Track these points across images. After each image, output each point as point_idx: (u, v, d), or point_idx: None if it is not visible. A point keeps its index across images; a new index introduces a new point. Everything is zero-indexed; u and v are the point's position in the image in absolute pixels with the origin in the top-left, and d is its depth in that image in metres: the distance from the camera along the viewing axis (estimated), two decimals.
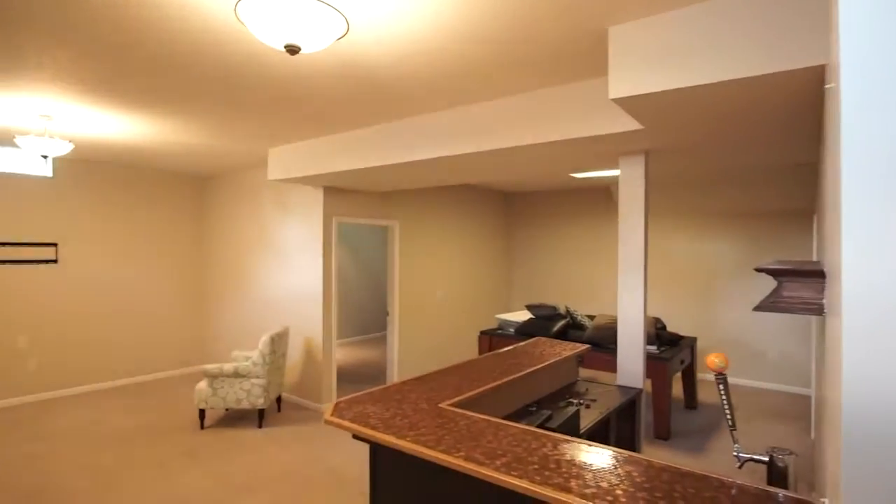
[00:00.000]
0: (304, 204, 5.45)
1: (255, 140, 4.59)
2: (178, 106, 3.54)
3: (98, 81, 3.04)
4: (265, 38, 1.84)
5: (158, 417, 4.96)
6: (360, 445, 4.30)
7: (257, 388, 4.57)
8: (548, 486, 1.42)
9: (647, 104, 2.25)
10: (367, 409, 2.06)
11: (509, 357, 3.07)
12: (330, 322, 5.30)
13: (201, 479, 3.64)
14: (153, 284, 6.46)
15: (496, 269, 8.06)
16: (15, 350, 5.38)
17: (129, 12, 2.13)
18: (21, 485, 3.54)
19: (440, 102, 3.37)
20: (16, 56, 2.67)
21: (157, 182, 6.50)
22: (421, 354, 6.50)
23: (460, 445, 1.70)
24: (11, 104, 3.52)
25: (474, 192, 7.60)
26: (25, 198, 5.45)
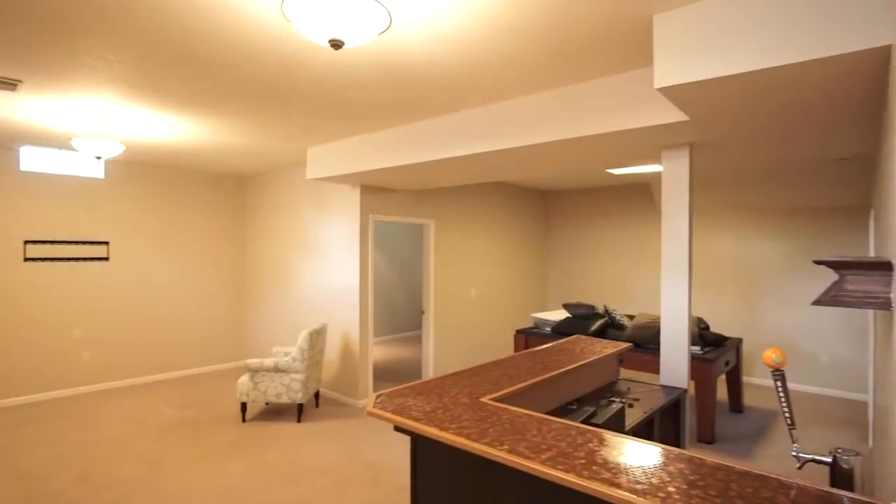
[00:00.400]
0: (341, 202, 5.53)
1: (294, 140, 4.68)
2: (222, 106, 3.65)
3: (148, 83, 3.16)
4: (310, 34, 1.87)
5: (202, 410, 5.12)
6: (396, 441, 4.32)
7: (296, 382, 4.65)
8: (596, 480, 1.39)
9: (695, 93, 2.18)
10: (408, 402, 2.06)
11: (548, 354, 3.02)
12: (366, 319, 5.36)
13: (245, 470, 3.73)
14: (197, 282, 6.68)
15: (531, 268, 7.98)
16: (71, 342, 5.66)
17: (178, 15, 2.21)
18: (74, 470, 3.72)
19: (477, 98, 3.35)
20: (72, 60, 2.80)
21: (201, 182, 6.72)
22: (456, 353, 6.50)
23: (504, 439, 1.68)
24: (68, 107, 3.70)
25: (510, 191, 7.55)
26: (80, 198, 5.73)
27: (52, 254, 5.54)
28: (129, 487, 3.46)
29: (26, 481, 3.54)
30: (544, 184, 7.55)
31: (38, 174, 5.45)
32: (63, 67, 2.90)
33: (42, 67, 2.92)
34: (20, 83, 3.22)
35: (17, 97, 3.50)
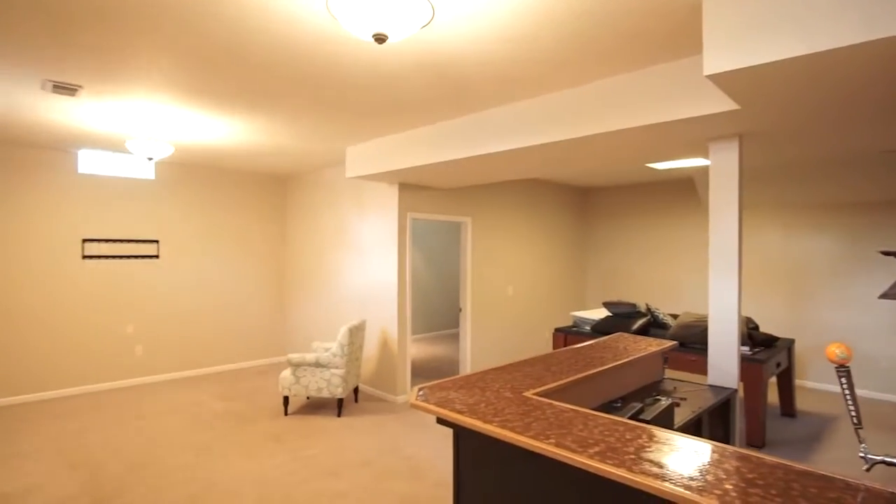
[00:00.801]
0: (379, 201, 5.59)
1: (334, 139, 4.76)
2: (266, 107, 3.74)
3: (196, 86, 3.27)
4: (354, 30, 1.90)
5: (246, 403, 5.27)
6: (434, 437, 4.33)
7: (336, 377, 4.73)
8: (648, 475, 1.35)
9: (746, 80, 2.09)
10: (451, 395, 2.06)
11: (591, 351, 2.97)
12: (405, 316, 5.40)
13: (288, 462, 3.82)
14: (240, 279, 6.89)
15: (569, 266, 7.87)
16: (124, 336, 5.93)
17: (227, 18, 2.27)
18: (129, 457, 3.89)
19: (516, 93, 3.33)
20: (127, 65, 2.93)
21: (244, 183, 6.92)
22: (493, 351, 6.47)
23: (549, 433, 1.65)
24: (122, 111, 3.87)
25: (548, 188, 7.46)
26: (132, 198, 6.00)
27: (107, 252, 5.82)
28: (181, 475, 3.59)
29: (85, 466, 3.73)
30: (583, 180, 7.43)
31: (95, 176, 5.74)
32: (119, 72, 3.04)
33: (100, 72, 3.06)
34: (80, 88, 3.40)
35: (77, 102, 3.69)
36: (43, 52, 2.77)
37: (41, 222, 5.39)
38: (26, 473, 3.61)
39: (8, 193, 5.19)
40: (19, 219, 5.26)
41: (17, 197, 5.25)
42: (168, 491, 3.36)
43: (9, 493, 3.33)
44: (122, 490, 3.37)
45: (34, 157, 5.34)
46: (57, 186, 5.48)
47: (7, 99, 3.63)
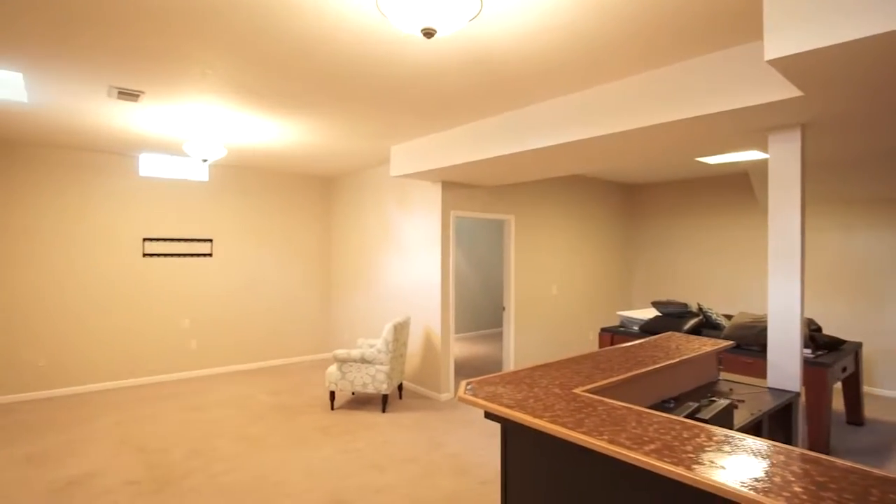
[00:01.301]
0: (423, 199, 5.62)
1: (379, 138, 4.83)
2: (314, 107, 3.83)
3: (249, 87, 3.39)
4: (403, 25, 1.91)
5: (294, 397, 5.42)
6: (480, 434, 4.32)
7: (381, 373, 4.79)
8: (708, 474, 1.29)
9: (813, 63, 1.98)
10: (499, 390, 2.05)
11: (641, 350, 2.88)
12: (448, 313, 5.41)
13: (335, 454, 3.90)
14: (288, 277, 7.09)
15: (615, 265, 7.68)
16: (180, 331, 6.21)
17: (279, 20, 2.34)
18: (186, 444, 4.07)
19: (562, 86, 3.27)
20: (184, 69, 3.07)
21: (291, 184, 7.12)
22: (537, 350, 6.40)
23: (602, 429, 1.62)
24: (179, 114, 4.05)
25: (593, 185, 7.32)
26: (187, 199, 6.28)
27: (165, 250, 6.12)
28: (234, 463, 3.73)
29: (147, 453, 3.92)
30: (629, 177, 7.24)
31: (154, 179, 6.04)
32: (178, 77, 3.19)
33: (160, 78, 3.22)
34: (142, 94, 3.58)
35: (138, 107, 3.89)
36: (109, 60, 2.93)
37: (106, 222, 5.72)
38: (94, 457, 3.84)
39: (77, 195, 5.54)
40: (87, 219, 5.60)
41: (85, 198, 5.59)
42: (224, 477, 3.49)
43: (79, 475, 3.55)
44: (182, 475, 3.53)
45: (100, 160, 5.68)
46: (120, 188, 5.80)
47: (77, 105, 3.86)
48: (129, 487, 3.36)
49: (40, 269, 5.36)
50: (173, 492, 3.30)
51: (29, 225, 5.29)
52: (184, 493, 3.28)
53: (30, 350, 5.30)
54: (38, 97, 3.68)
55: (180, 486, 3.37)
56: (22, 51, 2.81)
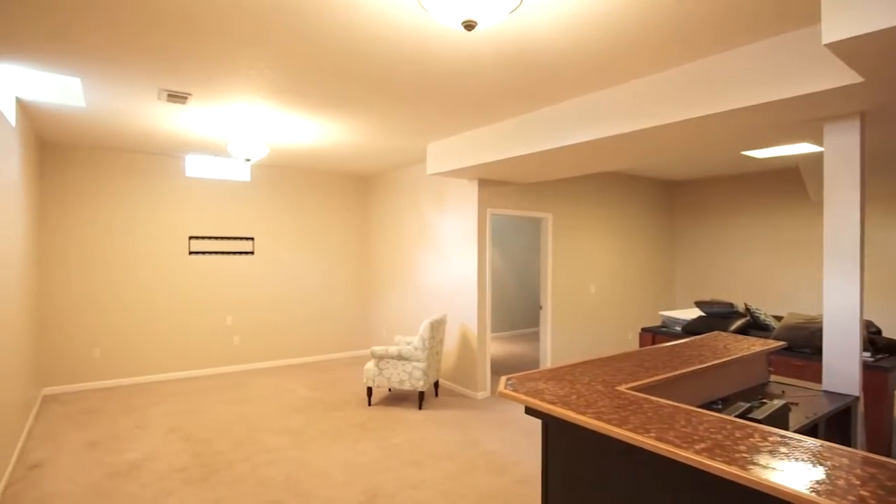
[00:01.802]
0: (459, 197, 5.62)
1: (416, 136, 4.85)
2: (353, 106, 3.89)
3: (291, 88, 3.46)
4: (444, 19, 1.91)
5: (332, 392, 5.51)
6: (517, 433, 4.29)
7: (418, 371, 4.82)
8: (765, 475, 1.24)
9: (875, 46, 1.87)
10: (540, 386, 2.02)
11: (686, 349, 2.79)
12: (484, 311, 5.39)
13: (373, 450, 3.94)
14: (326, 275, 7.22)
15: (656, 264, 7.48)
16: (224, 327, 6.42)
17: (321, 19, 2.38)
18: (230, 435, 4.20)
19: (602, 80, 3.20)
20: (231, 71, 3.16)
21: (329, 183, 7.25)
22: (574, 350, 6.30)
23: (649, 427, 1.57)
24: (224, 116, 4.18)
25: (632, 182, 7.15)
26: (230, 199, 6.48)
27: (209, 248, 6.33)
28: (276, 454, 3.82)
29: (194, 442, 4.07)
30: (670, 173, 7.05)
31: (199, 179, 6.26)
32: (223, 79, 3.29)
33: (207, 80, 3.33)
34: (190, 96, 3.71)
35: (186, 110, 4.04)
36: (160, 64, 3.05)
37: (155, 221, 5.97)
38: (147, 444, 4.00)
39: (127, 195, 5.80)
40: (138, 218, 5.86)
41: (135, 198, 5.84)
42: (267, 468, 3.58)
43: (134, 460, 3.71)
44: (227, 464, 3.64)
45: (149, 162, 5.92)
46: (168, 189, 6.04)
47: (129, 108, 4.04)
48: (178, 474, 3.49)
49: (94, 266, 5.63)
50: (219, 480, 3.41)
51: (84, 224, 5.57)
52: (229, 482, 3.38)
53: (86, 342, 5.58)
54: (94, 102, 3.87)
55: (225, 475, 3.48)
56: (80, 56, 2.95)
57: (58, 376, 5.44)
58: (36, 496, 3.19)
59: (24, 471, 3.55)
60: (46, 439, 4.13)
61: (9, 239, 3.58)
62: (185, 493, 3.23)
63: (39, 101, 3.89)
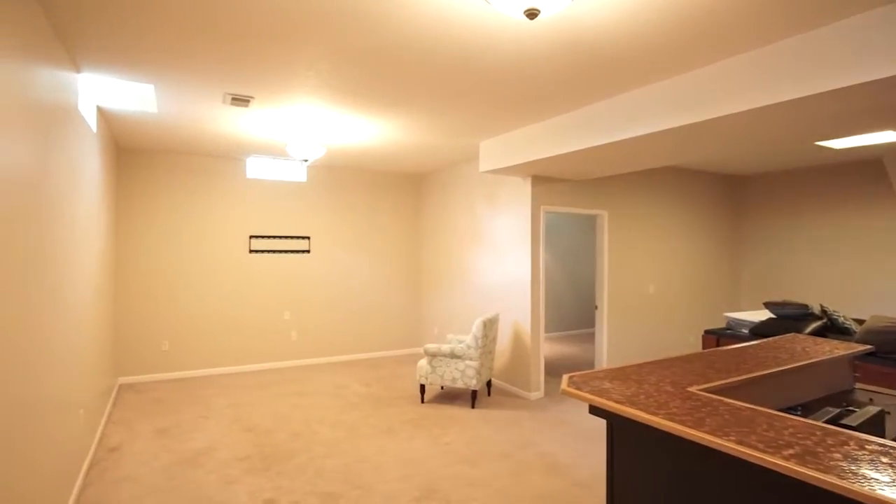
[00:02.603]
0: (511, 195, 5.56)
1: (469, 133, 4.84)
2: (409, 104, 3.91)
3: (348, 88, 3.52)
4: (506, 9, 1.88)
5: (385, 389, 5.58)
6: (572, 435, 4.18)
7: (471, 369, 4.79)
8: (868, 485, 1.13)
9: None
10: (605, 385, 1.95)
11: (759, 350, 2.63)
12: (538, 311, 5.30)
13: (427, 446, 3.95)
14: (379, 274, 7.33)
15: (719, 264, 7.12)
16: (282, 323, 6.63)
17: (380, 13, 2.40)
18: (288, 427, 4.32)
19: (663, 69, 3.06)
20: (291, 73, 3.25)
21: (382, 182, 7.35)
22: (632, 352, 6.09)
23: (728, 430, 1.47)
24: (283, 117, 4.31)
25: (693, 177, 6.84)
26: (288, 199, 6.69)
27: (268, 247, 6.57)
28: (333, 447, 3.90)
29: (255, 433, 4.22)
30: (734, 167, 6.69)
31: (259, 180, 6.50)
32: (283, 80, 3.38)
33: (267, 83, 3.44)
34: (252, 99, 3.85)
35: (248, 112, 4.19)
36: (225, 68, 3.18)
37: (219, 221, 6.25)
38: (211, 433, 4.19)
39: (193, 196, 6.10)
40: (203, 218, 6.15)
41: (200, 199, 6.14)
42: (325, 459, 3.66)
43: (200, 449, 3.89)
44: (286, 454, 3.75)
45: (213, 164, 6.21)
46: (230, 189, 6.31)
47: (196, 113, 4.24)
48: (241, 463, 3.62)
49: (163, 264, 5.96)
50: (279, 470, 3.51)
51: (153, 224, 5.90)
52: (288, 473, 3.47)
53: (156, 336, 5.91)
54: (165, 107, 4.08)
55: (285, 466, 3.58)
56: (155, 65, 3.12)
57: (132, 367, 5.79)
58: (116, 477, 3.40)
59: (105, 453, 3.80)
60: (122, 424, 4.40)
61: (91, 239, 3.84)
62: (247, 482, 3.35)
63: (116, 109, 4.14)
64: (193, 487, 3.27)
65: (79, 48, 2.90)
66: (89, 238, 3.79)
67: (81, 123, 3.44)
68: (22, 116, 2.12)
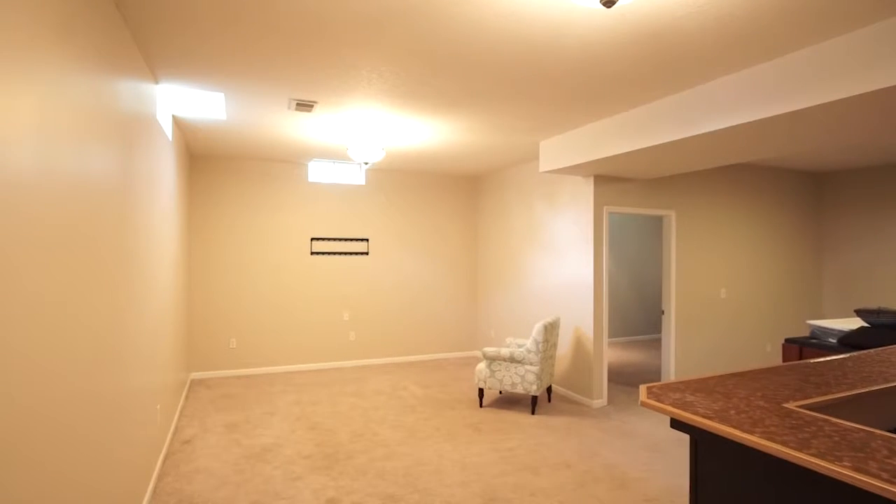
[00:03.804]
0: (573, 195, 5.40)
1: (529, 133, 4.73)
2: (470, 104, 3.86)
3: (410, 90, 3.51)
4: None
5: (443, 391, 5.55)
6: (639, 447, 3.98)
7: (531, 374, 4.68)
8: None
9: None
10: (688, 398, 1.81)
11: (862, 363, 2.38)
12: (601, 315, 5.11)
13: (487, 451, 3.88)
14: (436, 276, 7.33)
15: (799, 267, 6.61)
16: (342, 323, 6.76)
17: (447, 13, 2.36)
18: (350, 427, 4.37)
19: (744, 58, 2.85)
20: (353, 76, 3.28)
21: (439, 185, 7.36)
22: (703, 361, 5.75)
23: (840, 454, 1.32)
24: (345, 121, 4.37)
25: (769, 174, 6.39)
26: (347, 202, 6.82)
27: (329, 248, 6.72)
28: (393, 449, 3.91)
29: (317, 431, 4.30)
30: (817, 162, 6.19)
31: (320, 184, 6.67)
32: (346, 83, 3.42)
33: (331, 87, 3.49)
34: (316, 104, 3.93)
35: (311, 117, 4.29)
36: (290, 74, 3.25)
37: (282, 223, 6.45)
38: (277, 430, 4.31)
39: (258, 200, 6.33)
40: (268, 221, 6.38)
41: (264, 203, 6.37)
42: (385, 461, 3.67)
43: (266, 444, 4.00)
44: (347, 454, 3.79)
45: (277, 169, 6.42)
46: (293, 193, 6.51)
47: (262, 119, 4.38)
48: (305, 461, 3.69)
49: (230, 264, 6.22)
50: (341, 469, 3.55)
51: (222, 227, 6.17)
52: (350, 472, 3.50)
53: (225, 334, 6.18)
54: (233, 114, 4.24)
55: (346, 465, 3.61)
56: (225, 73, 3.24)
57: (203, 363, 6.08)
58: (189, 469, 3.55)
59: (179, 444, 3.98)
60: (194, 418, 4.61)
61: (168, 242, 4.05)
62: (310, 479, 3.40)
63: (189, 118, 4.35)
64: (261, 481, 3.36)
65: (157, 59, 3.04)
66: (166, 241, 3.99)
67: (159, 132, 3.63)
68: (108, 126, 2.24)
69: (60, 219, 1.59)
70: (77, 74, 1.78)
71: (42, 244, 1.44)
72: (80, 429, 1.76)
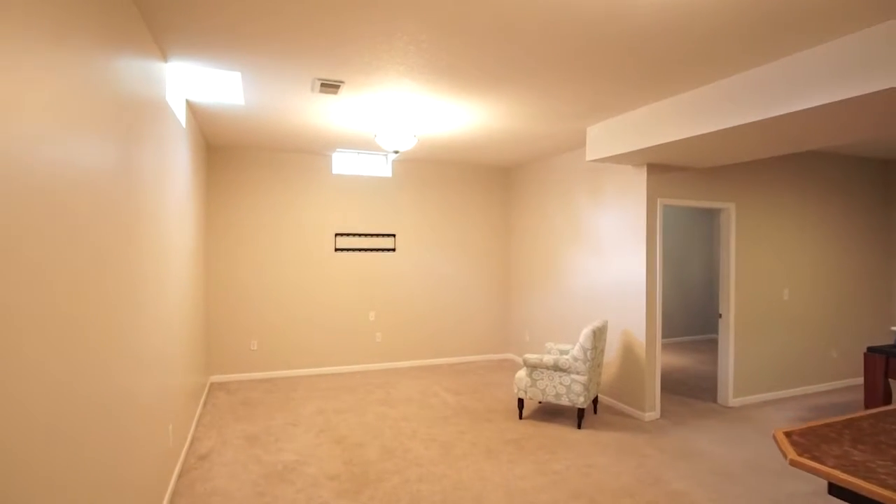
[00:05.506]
0: (621, 186, 4.89)
1: (575, 118, 4.25)
2: (512, 84, 3.41)
3: (448, 65, 3.07)
4: None
5: (477, 400, 5.13)
6: (708, 471, 3.50)
7: (578, 384, 4.22)
8: None
9: None
10: (854, 455, 1.34)
11: None
12: (654, 319, 4.62)
13: (533, 474, 3.45)
14: (465, 273, 6.90)
15: (873, 265, 5.96)
16: (367, 323, 6.39)
17: None
18: (379, 441, 3.98)
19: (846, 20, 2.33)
20: (386, 48, 2.85)
21: (470, 177, 6.90)
22: (763, 368, 5.21)
23: None
24: (372, 104, 3.94)
25: (840, 163, 5.77)
26: (373, 195, 6.42)
27: (353, 245, 6.34)
28: (428, 469, 3.50)
29: (344, 446, 3.92)
30: (890, 149, 5.55)
31: (345, 176, 6.28)
32: (378, 57, 2.99)
33: (361, 63, 3.07)
34: (342, 84, 3.52)
35: (336, 101, 3.88)
36: (314, 49, 2.84)
37: (305, 218, 6.09)
38: (300, 443, 3.94)
39: (280, 194, 5.98)
40: (289, 215, 6.02)
41: (286, 196, 6.01)
42: (419, 484, 3.27)
43: (290, 460, 3.64)
44: (378, 475, 3.40)
45: (299, 160, 6.05)
46: (316, 186, 6.14)
47: (283, 103, 3.99)
48: (331, 482, 3.32)
49: (250, 262, 5.88)
50: (371, 494, 3.16)
51: (242, 221, 5.84)
52: (381, 497, 3.11)
53: (245, 335, 5.86)
54: (251, 98, 3.86)
55: (377, 489, 3.22)
56: (242, 49, 2.84)
57: (223, 365, 5.77)
58: (205, 489, 3.21)
59: (195, 461, 3.65)
60: (212, 428, 4.28)
61: (182, 237, 3.70)
62: None
63: (205, 103, 3.99)
64: None
65: (166, 31, 2.67)
66: (180, 236, 3.65)
67: (170, 117, 3.27)
68: (107, 109, 1.86)
69: (42, 216, 1.21)
70: (68, 49, 1.39)
71: (37, 242, 1.05)
72: (88, 445, 1.38)
